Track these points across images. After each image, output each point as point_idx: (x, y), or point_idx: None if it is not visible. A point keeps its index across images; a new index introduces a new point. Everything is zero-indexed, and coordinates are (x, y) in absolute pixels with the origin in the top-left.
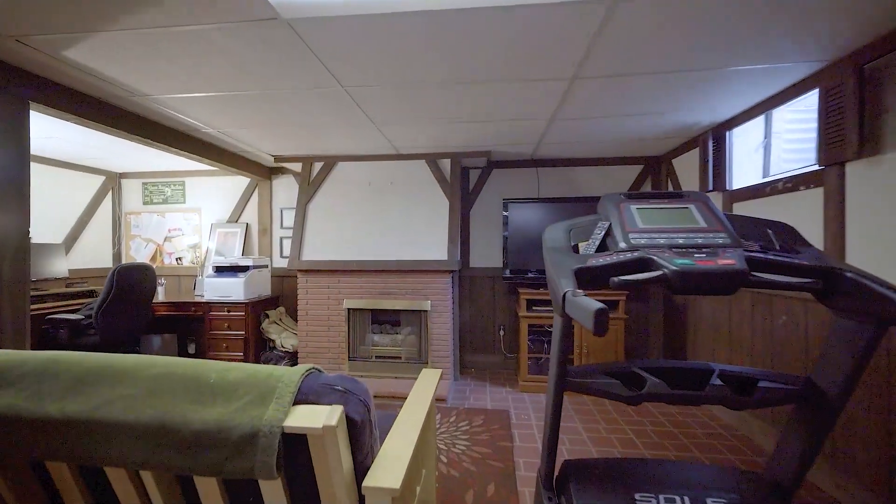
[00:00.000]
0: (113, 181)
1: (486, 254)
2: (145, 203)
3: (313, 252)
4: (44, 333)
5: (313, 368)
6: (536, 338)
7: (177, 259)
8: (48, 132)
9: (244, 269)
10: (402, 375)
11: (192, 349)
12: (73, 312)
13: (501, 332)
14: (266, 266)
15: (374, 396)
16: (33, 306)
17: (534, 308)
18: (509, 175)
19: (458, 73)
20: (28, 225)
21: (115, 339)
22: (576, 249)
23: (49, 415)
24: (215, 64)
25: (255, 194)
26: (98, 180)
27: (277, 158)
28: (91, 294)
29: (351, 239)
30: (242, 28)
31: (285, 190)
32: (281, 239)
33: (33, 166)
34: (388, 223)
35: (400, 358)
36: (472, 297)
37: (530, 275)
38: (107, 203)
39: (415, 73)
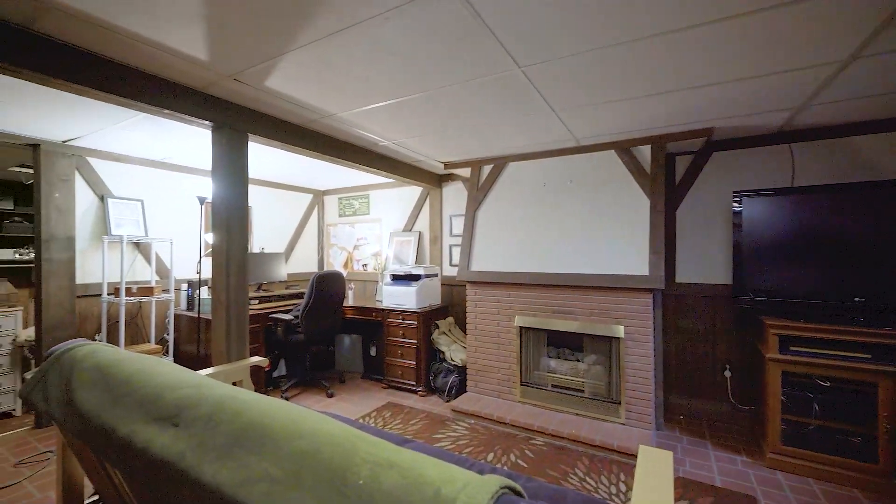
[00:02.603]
0: (319, 198)
1: (701, 266)
2: (340, 216)
3: (482, 262)
4: (268, 329)
5: (504, 490)
6: (798, 393)
7: (363, 266)
8: (272, 160)
9: (416, 277)
10: (585, 413)
11: (373, 352)
12: (287, 312)
13: (727, 374)
14: (436, 275)
15: (552, 436)
16: (264, 305)
17: (793, 348)
18: (739, 158)
19: (680, 13)
20: (247, 241)
21: (315, 337)
22: None
23: (203, 478)
24: (383, 68)
25: (427, 203)
26: (308, 198)
27: (447, 165)
28: (302, 295)
29: (523, 248)
30: (409, 13)
31: (454, 197)
32: (450, 247)
33: (265, 189)
34: (565, 229)
35: (582, 391)
36: (678, 323)
37: (784, 299)
38: (314, 217)
39: (613, 26)
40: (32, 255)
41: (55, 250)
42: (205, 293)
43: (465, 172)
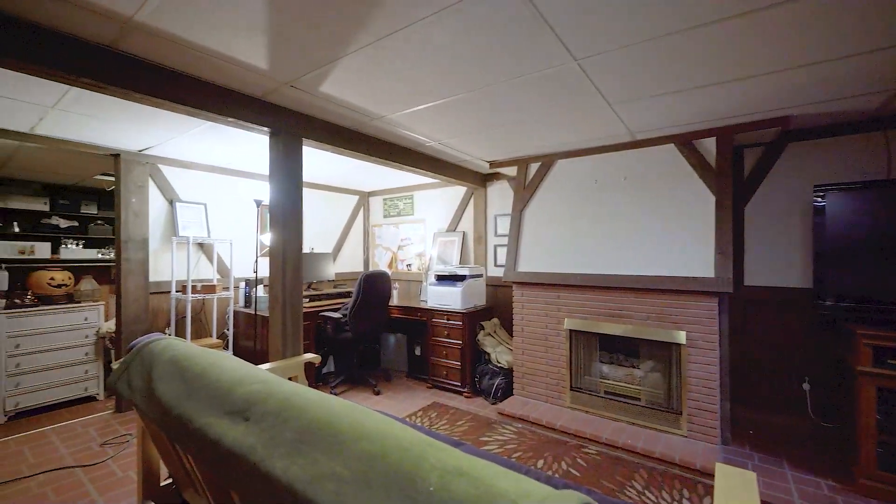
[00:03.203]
0: (364, 199)
1: (773, 267)
2: (385, 216)
3: (529, 263)
4: (318, 326)
5: None
6: None
7: (407, 266)
8: (321, 163)
9: (461, 278)
10: (641, 423)
11: (418, 351)
12: (335, 310)
13: (806, 387)
14: (481, 275)
15: (606, 445)
16: (314, 303)
17: (891, 362)
18: (820, 149)
19: None
20: (301, 241)
21: (362, 335)
22: None
23: (274, 473)
24: (433, 68)
25: (471, 203)
26: (354, 199)
27: (493, 164)
28: (349, 294)
29: (572, 248)
30: (463, 11)
31: (499, 196)
32: (495, 247)
33: (314, 191)
34: (618, 229)
35: (638, 399)
36: (746, 329)
37: (875, 305)
38: (359, 218)
39: (678, 11)
40: (113, 255)
41: (132, 250)
42: (260, 291)
43: (511, 171)
